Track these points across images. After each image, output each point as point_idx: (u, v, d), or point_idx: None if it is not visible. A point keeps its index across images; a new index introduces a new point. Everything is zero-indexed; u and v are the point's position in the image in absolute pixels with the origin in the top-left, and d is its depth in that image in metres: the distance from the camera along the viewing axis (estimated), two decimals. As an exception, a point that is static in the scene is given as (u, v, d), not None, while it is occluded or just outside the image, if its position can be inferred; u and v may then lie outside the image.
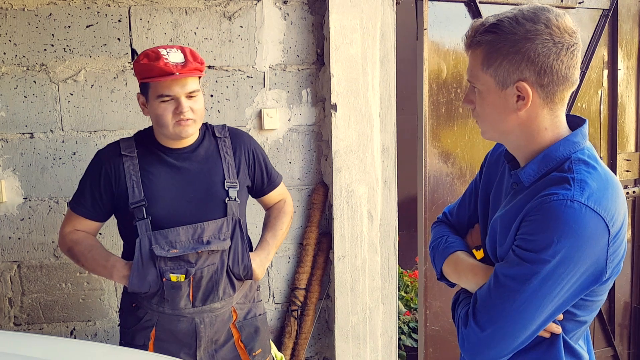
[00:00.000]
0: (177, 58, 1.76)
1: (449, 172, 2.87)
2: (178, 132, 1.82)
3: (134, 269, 1.83)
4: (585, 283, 1.13)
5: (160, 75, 1.74)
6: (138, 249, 1.83)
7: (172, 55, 1.76)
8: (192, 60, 1.78)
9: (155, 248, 1.81)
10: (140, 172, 1.87)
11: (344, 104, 2.60)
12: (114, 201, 1.90)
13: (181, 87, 1.77)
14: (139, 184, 1.86)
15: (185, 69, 1.75)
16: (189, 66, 1.76)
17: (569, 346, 1.22)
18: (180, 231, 1.84)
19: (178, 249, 1.83)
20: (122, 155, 1.88)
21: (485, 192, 1.41)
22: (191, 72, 1.77)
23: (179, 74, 1.74)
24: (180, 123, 1.80)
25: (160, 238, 1.83)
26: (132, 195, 1.85)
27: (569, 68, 1.16)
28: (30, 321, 2.56)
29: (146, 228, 1.84)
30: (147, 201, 1.85)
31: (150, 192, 1.86)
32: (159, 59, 1.74)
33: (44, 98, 2.45)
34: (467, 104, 1.28)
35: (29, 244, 2.52)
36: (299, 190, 2.75)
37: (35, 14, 2.41)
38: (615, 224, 1.11)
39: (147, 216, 1.84)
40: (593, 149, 1.22)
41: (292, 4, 2.63)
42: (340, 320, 2.73)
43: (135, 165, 1.88)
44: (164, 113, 1.79)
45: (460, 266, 1.34)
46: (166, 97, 1.77)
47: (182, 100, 1.78)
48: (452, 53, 2.80)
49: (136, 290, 1.85)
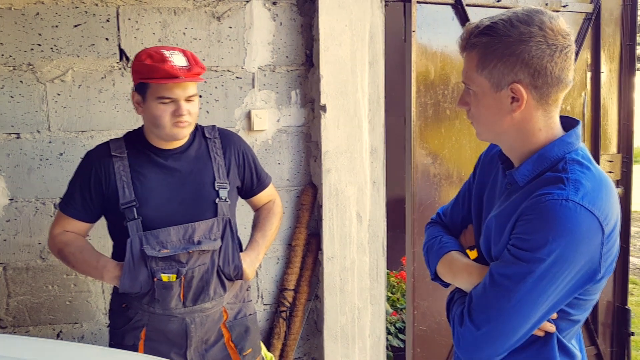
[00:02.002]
0: (181, 61, 1.77)
1: (437, 173, 2.89)
2: (175, 133, 1.82)
3: (125, 270, 1.82)
4: (580, 282, 1.15)
5: (165, 77, 1.74)
6: (129, 249, 1.82)
7: (176, 58, 1.76)
8: (195, 65, 1.80)
9: (147, 248, 1.81)
10: (131, 173, 1.86)
11: (333, 105, 2.61)
12: (104, 202, 1.89)
13: (183, 90, 1.78)
14: (130, 185, 1.85)
15: (190, 73, 1.76)
16: (193, 70, 1.77)
17: (562, 345, 1.24)
18: (171, 231, 1.85)
19: (169, 249, 1.83)
20: (112, 155, 1.88)
21: (479, 193, 1.43)
22: (195, 77, 1.78)
23: (185, 78, 1.75)
24: (178, 125, 1.80)
25: (152, 238, 1.83)
26: (122, 195, 1.84)
27: (562, 70, 1.18)
28: (16, 324, 2.53)
29: (137, 228, 1.83)
30: (138, 202, 1.84)
31: (140, 193, 1.85)
32: (164, 61, 1.74)
33: (30, 98, 2.43)
34: (462, 105, 1.29)
35: (15, 246, 2.49)
36: (288, 191, 2.75)
37: (22, 13, 2.38)
38: (609, 224, 1.13)
39: (138, 217, 1.84)
40: (586, 150, 1.24)
41: (282, 5, 2.63)
42: (329, 321, 2.74)
43: (126, 165, 1.87)
44: (162, 114, 1.78)
45: (454, 266, 1.36)
46: (166, 99, 1.77)
47: (182, 104, 1.78)
48: (439, 55, 2.83)
49: (127, 291, 1.84)
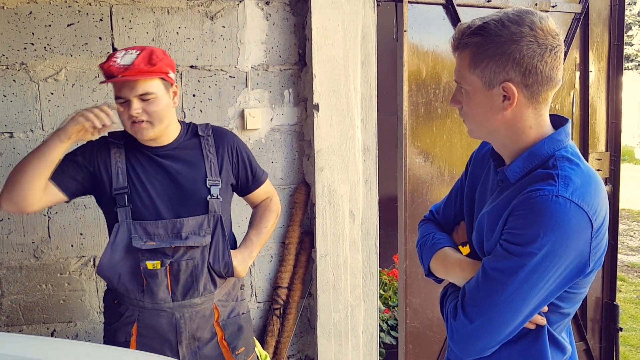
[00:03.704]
0: (127, 60, 1.76)
1: (428, 171, 2.92)
2: (134, 133, 1.85)
3: (107, 251, 1.85)
4: (570, 275, 1.18)
5: (107, 77, 1.77)
6: (114, 233, 1.85)
7: (125, 58, 1.77)
8: (143, 64, 1.77)
9: (134, 238, 1.85)
10: (126, 162, 1.89)
11: (326, 104, 2.63)
12: (94, 182, 1.89)
13: (130, 89, 1.78)
14: (124, 172, 1.88)
15: (128, 72, 1.74)
16: (133, 70, 1.75)
17: (553, 338, 1.26)
18: (159, 224, 1.87)
19: (155, 241, 1.86)
20: (110, 142, 1.91)
21: (471, 190, 1.46)
22: (136, 76, 1.76)
23: (122, 77, 1.74)
24: (133, 125, 1.82)
25: (140, 228, 1.86)
26: (116, 181, 1.87)
27: (552, 69, 1.21)
28: (9, 323, 2.53)
29: (126, 215, 1.86)
30: (130, 190, 1.87)
31: (133, 183, 1.88)
32: (108, 61, 1.77)
33: (24, 97, 2.43)
34: (455, 104, 1.32)
35: (9, 245, 2.49)
36: (281, 190, 2.77)
37: (15, 12, 2.38)
38: (598, 219, 1.16)
39: (129, 204, 1.86)
40: (575, 147, 1.27)
41: (274, 4, 2.65)
42: (323, 318, 2.76)
43: (122, 154, 1.90)
44: (121, 114, 1.82)
45: (447, 262, 1.38)
46: (120, 99, 1.80)
47: (132, 102, 1.79)
48: (430, 54, 2.85)
49: (105, 274, 1.87)
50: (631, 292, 5.38)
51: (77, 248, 2.57)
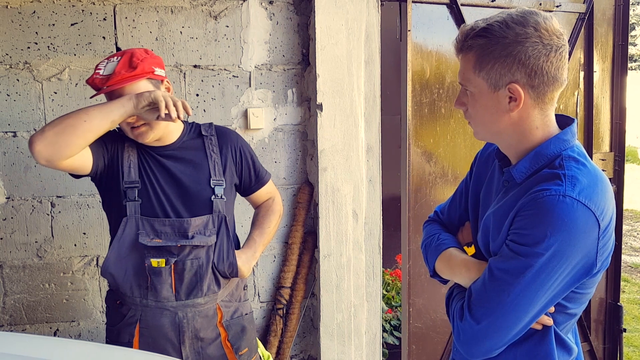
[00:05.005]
0: (109, 70, 1.74)
1: (432, 172, 2.92)
2: (135, 138, 1.84)
3: (114, 246, 1.84)
4: (577, 275, 1.17)
5: (95, 90, 1.76)
6: (122, 227, 1.83)
7: (108, 67, 1.75)
8: (124, 70, 1.74)
9: (141, 234, 1.84)
10: (137, 157, 1.88)
11: (330, 104, 2.63)
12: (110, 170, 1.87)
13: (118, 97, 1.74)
14: (136, 166, 1.87)
15: (111, 81, 1.72)
16: (115, 78, 1.72)
17: (559, 338, 1.26)
18: (166, 222, 1.86)
19: (162, 239, 1.85)
20: (124, 137, 1.90)
21: (476, 191, 1.45)
22: (119, 83, 1.73)
23: (107, 88, 1.73)
24: (134, 131, 1.81)
25: (147, 225, 1.85)
26: (127, 174, 1.85)
27: (558, 69, 1.20)
28: (12, 322, 2.53)
29: (135, 210, 1.85)
30: (140, 185, 1.86)
31: (143, 178, 1.87)
32: (93, 74, 1.76)
33: (27, 96, 2.43)
34: (460, 106, 1.31)
35: (12, 244, 2.49)
36: (285, 190, 2.76)
37: (19, 12, 2.38)
38: (605, 218, 1.16)
39: (138, 199, 1.85)
40: (582, 147, 1.27)
41: (278, 4, 2.65)
42: (326, 318, 2.75)
43: (134, 149, 1.89)
44: (121, 123, 1.79)
45: (453, 262, 1.38)
46: None
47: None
48: (434, 54, 2.85)
49: (111, 270, 1.85)
50: (635, 293, 5.36)
51: (80, 247, 2.57)
